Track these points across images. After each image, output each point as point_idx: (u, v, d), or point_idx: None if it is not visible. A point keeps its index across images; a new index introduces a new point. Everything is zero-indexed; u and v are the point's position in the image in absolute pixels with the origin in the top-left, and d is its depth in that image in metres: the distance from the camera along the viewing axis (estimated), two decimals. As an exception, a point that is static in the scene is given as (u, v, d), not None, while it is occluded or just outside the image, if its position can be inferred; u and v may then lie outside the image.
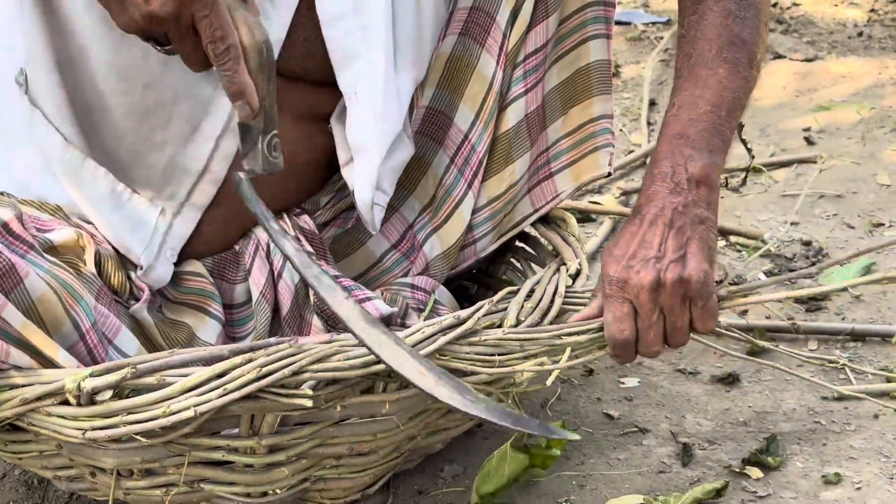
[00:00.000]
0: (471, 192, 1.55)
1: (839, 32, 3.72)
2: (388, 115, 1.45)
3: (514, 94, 1.54)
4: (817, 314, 1.97)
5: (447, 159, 1.56)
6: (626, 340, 1.35)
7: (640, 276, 1.33)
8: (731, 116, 1.40)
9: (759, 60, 1.44)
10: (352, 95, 1.44)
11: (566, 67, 1.56)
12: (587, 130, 1.58)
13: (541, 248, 1.70)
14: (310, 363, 1.23)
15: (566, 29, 1.54)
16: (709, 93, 1.39)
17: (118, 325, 1.38)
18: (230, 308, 1.54)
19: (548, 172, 1.60)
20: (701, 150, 1.37)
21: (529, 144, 1.57)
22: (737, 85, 1.40)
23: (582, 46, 1.55)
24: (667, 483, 1.52)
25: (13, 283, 1.22)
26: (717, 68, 1.40)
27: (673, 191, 1.35)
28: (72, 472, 1.35)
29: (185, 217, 1.47)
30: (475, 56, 1.52)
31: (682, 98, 1.40)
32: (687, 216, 1.35)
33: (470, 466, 1.56)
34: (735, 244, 2.26)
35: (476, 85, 1.52)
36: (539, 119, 1.57)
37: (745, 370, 1.80)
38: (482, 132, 1.53)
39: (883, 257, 2.15)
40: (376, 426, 1.32)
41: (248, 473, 1.31)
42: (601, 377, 1.80)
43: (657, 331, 1.35)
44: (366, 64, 1.43)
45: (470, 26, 1.52)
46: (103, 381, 1.20)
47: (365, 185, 1.46)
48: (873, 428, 1.64)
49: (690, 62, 1.42)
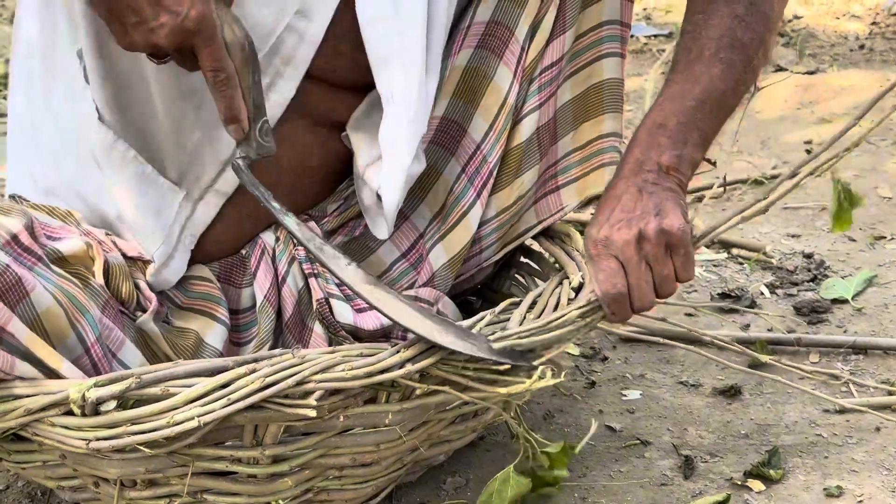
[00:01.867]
0: (479, 202, 1.56)
1: (841, 45, 3.73)
2: (419, 117, 1.46)
3: (529, 107, 1.55)
4: (819, 327, 1.97)
5: (459, 168, 1.57)
6: (619, 294, 1.39)
7: (622, 232, 1.38)
8: (714, 114, 1.45)
9: (757, 66, 1.48)
10: (389, 97, 1.45)
11: (580, 83, 1.58)
12: (596, 146, 1.59)
13: (545, 263, 1.70)
14: (313, 373, 1.23)
15: (582, 45, 1.56)
16: (698, 89, 1.44)
17: (122, 338, 1.38)
18: (235, 313, 1.54)
19: (555, 185, 1.61)
20: (676, 142, 1.42)
21: (539, 157, 1.58)
22: (727, 85, 1.45)
23: (596, 63, 1.57)
24: (669, 496, 1.52)
25: (19, 297, 1.22)
26: (712, 67, 1.44)
27: (641, 171, 1.42)
28: (75, 482, 1.35)
29: (207, 203, 1.48)
30: (492, 68, 1.53)
31: (671, 90, 1.45)
32: (658, 188, 1.41)
33: (472, 479, 1.56)
34: (737, 257, 2.26)
35: (491, 97, 1.54)
36: (550, 132, 1.58)
37: (746, 383, 1.80)
38: (494, 144, 1.54)
39: (885, 270, 2.16)
40: (379, 436, 1.33)
41: (251, 484, 1.31)
42: (603, 389, 1.80)
43: (648, 281, 1.40)
44: (401, 67, 1.44)
45: (488, 39, 1.53)
46: (107, 392, 1.20)
47: (393, 186, 1.46)
48: (875, 441, 1.64)
49: (689, 57, 1.46)
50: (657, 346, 1.92)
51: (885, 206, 2.50)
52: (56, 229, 1.41)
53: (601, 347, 1.93)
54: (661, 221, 1.38)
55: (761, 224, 2.42)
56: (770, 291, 2.11)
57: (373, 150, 1.48)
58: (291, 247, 1.51)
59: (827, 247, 2.28)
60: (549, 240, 1.66)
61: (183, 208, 1.47)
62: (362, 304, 1.50)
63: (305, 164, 1.50)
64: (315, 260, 1.40)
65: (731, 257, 2.26)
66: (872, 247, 2.28)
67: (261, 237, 1.53)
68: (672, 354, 1.91)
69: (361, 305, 1.51)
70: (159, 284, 1.48)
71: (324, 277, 1.51)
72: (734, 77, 1.45)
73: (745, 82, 1.47)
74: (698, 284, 2.16)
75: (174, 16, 1.24)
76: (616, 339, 1.96)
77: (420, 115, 1.46)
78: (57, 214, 1.45)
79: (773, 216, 2.45)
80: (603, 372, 1.86)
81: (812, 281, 2.14)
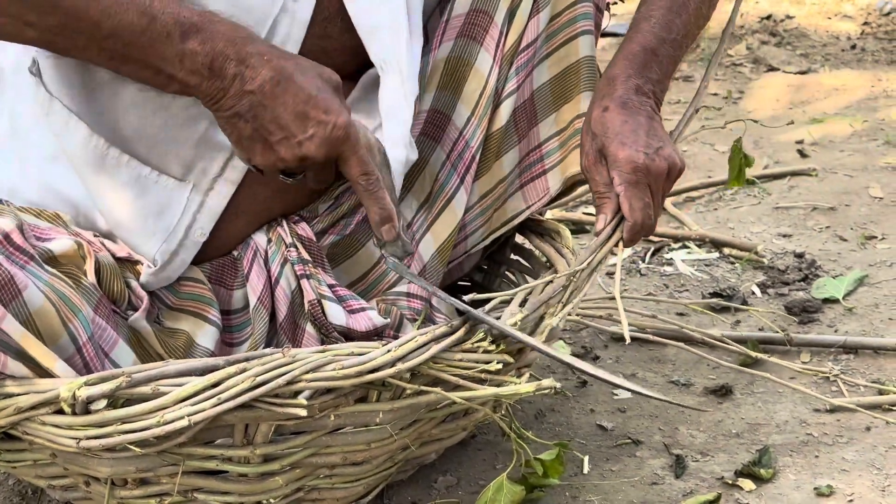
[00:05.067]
0: (463, 188, 1.58)
1: (832, 45, 3.73)
2: (411, 77, 1.49)
3: (507, 90, 1.57)
4: (810, 326, 1.98)
5: (443, 156, 1.59)
6: (649, 227, 1.48)
7: (656, 163, 1.46)
8: (687, 50, 1.58)
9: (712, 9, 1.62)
10: (382, 65, 1.47)
11: (557, 63, 1.60)
12: (575, 126, 1.61)
13: (535, 261, 1.70)
14: (304, 372, 1.23)
15: (557, 25, 1.58)
16: (679, 21, 1.54)
17: (115, 337, 1.38)
18: (227, 314, 1.54)
19: (541, 169, 1.63)
20: (662, 73, 1.53)
21: (517, 140, 1.61)
22: (698, 26, 1.58)
23: (572, 42, 1.59)
24: (660, 495, 1.53)
25: (11, 295, 1.22)
26: (689, 4, 1.56)
27: (640, 91, 1.50)
28: (66, 481, 1.35)
29: (218, 193, 1.47)
30: (473, 54, 1.56)
31: (658, 14, 1.54)
32: (656, 116, 1.51)
33: (463, 478, 1.56)
34: (728, 256, 2.26)
35: (473, 82, 1.56)
36: (527, 114, 1.61)
37: (737, 382, 1.81)
38: (476, 128, 1.56)
39: (875, 270, 2.16)
40: (370, 435, 1.33)
41: (241, 483, 1.31)
42: (594, 389, 1.80)
43: (659, 206, 1.50)
44: (389, 32, 1.47)
45: (468, 28, 1.56)
46: (98, 391, 1.20)
47: (398, 144, 1.48)
48: (865, 440, 1.64)
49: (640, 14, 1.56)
50: (648, 345, 1.92)
51: (876, 206, 2.50)
52: (45, 230, 1.40)
53: (593, 346, 1.93)
54: (676, 158, 1.48)
55: (753, 223, 2.42)
56: (761, 291, 2.11)
57: (372, 121, 1.49)
58: (284, 248, 1.51)
59: (818, 246, 2.28)
60: (539, 237, 1.66)
61: (191, 202, 1.46)
62: (355, 304, 1.50)
63: None
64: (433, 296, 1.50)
65: (723, 257, 2.27)
66: (863, 246, 2.28)
67: (253, 238, 1.52)
68: (663, 354, 1.91)
69: (354, 306, 1.51)
70: (158, 282, 1.47)
71: (316, 279, 1.51)
72: (704, 17, 1.58)
73: (706, 23, 1.60)
74: (690, 284, 2.16)
75: (323, 126, 1.27)
76: (608, 337, 1.96)
77: (411, 75, 1.48)
78: (45, 217, 1.45)
79: (765, 216, 2.46)
80: (594, 371, 1.86)
81: (803, 280, 2.14)
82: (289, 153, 1.29)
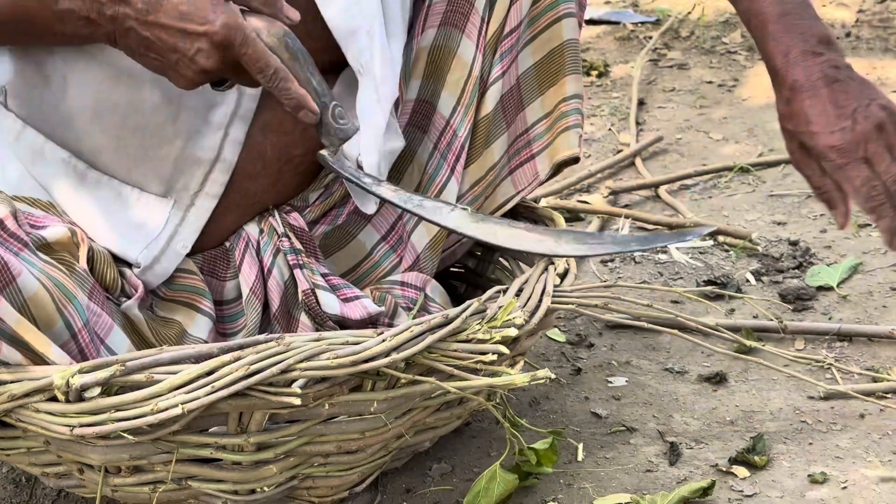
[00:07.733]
0: (454, 178, 1.58)
1: (827, 33, 3.72)
2: (386, 79, 1.49)
3: (493, 77, 1.57)
4: (804, 314, 1.98)
5: (431, 146, 1.59)
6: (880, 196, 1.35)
7: (857, 132, 1.35)
8: None
9: None
10: (360, 69, 1.48)
11: (540, 48, 1.60)
12: (560, 110, 1.61)
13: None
14: (298, 361, 1.23)
15: (539, 8, 1.58)
16: None
17: (110, 323, 1.38)
18: (220, 304, 1.54)
19: (529, 154, 1.64)
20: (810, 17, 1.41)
21: (506, 126, 1.61)
22: None
23: (555, 25, 1.59)
24: (654, 482, 1.53)
25: (6, 282, 1.22)
26: None
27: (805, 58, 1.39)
28: (60, 468, 1.35)
29: (199, 208, 1.48)
30: (456, 42, 1.56)
31: None
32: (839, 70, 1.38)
33: (458, 465, 1.56)
34: (723, 244, 2.26)
35: (457, 70, 1.56)
36: (514, 100, 1.61)
37: (732, 369, 1.81)
38: (463, 117, 1.56)
39: (870, 257, 2.16)
40: (364, 424, 1.33)
41: (235, 471, 1.31)
42: (588, 376, 1.80)
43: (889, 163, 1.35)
44: (365, 34, 1.47)
45: (450, 15, 1.56)
46: (92, 378, 1.20)
47: (371, 150, 1.49)
48: (860, 428, 1.64)
49: None
50: (643, 332, 1.92)
51: (870, 194, 2.50)
52: (39, 218, 1.40)
53: (587, 334, 1.93)
54: (881, 102, 1.36)
55: (747, 211, 2.42)
56: (756, 278, 2.11)
57: (356, 119, 1.49)
58: (276, 238, 1.51)
59: (812, 234, 2.28)
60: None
61: (173, 216, 1.47)
62: (349, 293, 1.50)
63: (289, 152, 1.50)
64: (418, 216, 1.46)
65: (717, 244, 2.27)
66: (857, 234, 2.28)
67: (245, 229, 1.52)
68: (658, 341, 1.91)
69: (348, 295, 1.51)
70: (145, 283, 1.48)
71: (309, 268, 1.51)
72: None
73: None
74: (684, 272, 2.16)
75: (203, 38, 1.26)
76: (602, 325, 1.96)
77: (387, 76, 1.48)
78: (39, 205, 1.45)
79: (759, 203, 2.45)
80: (589, 359, 1.86)
81: (797, 268, 2.14)
82: (189, 71, 1.28)
